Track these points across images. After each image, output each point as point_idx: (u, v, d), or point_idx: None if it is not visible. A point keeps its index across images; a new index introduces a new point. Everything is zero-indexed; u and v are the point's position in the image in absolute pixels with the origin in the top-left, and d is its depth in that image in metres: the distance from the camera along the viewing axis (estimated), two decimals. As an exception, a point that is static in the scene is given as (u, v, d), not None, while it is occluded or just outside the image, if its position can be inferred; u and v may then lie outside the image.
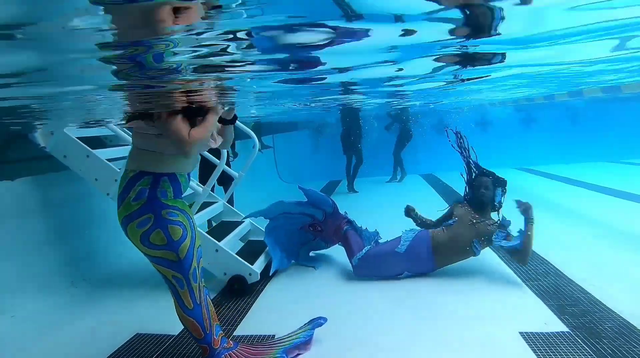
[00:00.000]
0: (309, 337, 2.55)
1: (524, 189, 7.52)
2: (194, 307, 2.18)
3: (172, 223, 2.10)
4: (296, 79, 2.73)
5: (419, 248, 3.57)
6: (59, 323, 3.03)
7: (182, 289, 2.16)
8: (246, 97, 3.32)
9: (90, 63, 1.61)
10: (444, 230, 3.64)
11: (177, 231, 2.10)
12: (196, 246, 2.20)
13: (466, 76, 3.43)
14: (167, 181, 2.13)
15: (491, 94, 6.53)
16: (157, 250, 2.09)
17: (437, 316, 2.91)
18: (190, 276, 2.16)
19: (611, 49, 2.45)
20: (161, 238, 2.07)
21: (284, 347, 2.45)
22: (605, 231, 4.76)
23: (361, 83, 3.50)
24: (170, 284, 2.18)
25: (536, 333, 2.59)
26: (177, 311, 2.21)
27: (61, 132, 3.38)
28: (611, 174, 9.14)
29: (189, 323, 2.21)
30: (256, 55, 1.78)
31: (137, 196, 2.07)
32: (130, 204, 2.07)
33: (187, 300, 2.17)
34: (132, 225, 2.08)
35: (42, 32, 1.19)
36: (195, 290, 2.18)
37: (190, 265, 2.15)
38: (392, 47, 1.91)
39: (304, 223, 4.10)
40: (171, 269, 2.13)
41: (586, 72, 3.97)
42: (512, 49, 2.22)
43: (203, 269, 2.32)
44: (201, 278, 2.24)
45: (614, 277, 3.40)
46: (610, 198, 6.64)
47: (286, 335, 2.58)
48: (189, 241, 2.14)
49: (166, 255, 2.10)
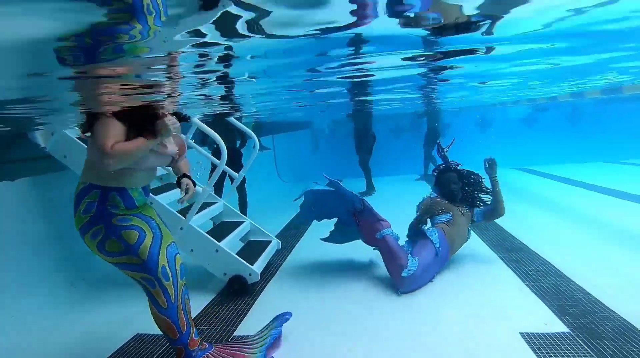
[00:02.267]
0: (278, 333, 2.53)
1: (525, 188, 7.51)
2: (169, 306, 2.14)
3: (125, 228, 2.07)
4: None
5: (445, 247, 3.63)
6: (59, 324, 3.03)
7: (153, 288, 2.12)
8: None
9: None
10: (447, 225, 3.72)
11: (132, 235, 2.07)
12: (164, 245, 2.15)
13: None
14: (116, 195, 2.09)
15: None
16: (117, 257, 2.09)
17: (437, 317, 2.90)
18: (159, 275, 2.11)
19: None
20: (117, 245, 2.06)
21: (260, 347, 2.41)
22: (606, 231, 4.76)
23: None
24: (141, 285, 2.15)
25: (536, 334, 2.59)
26: (152, 311, 2.17)
27: (61, 132, 3.38)
28: (612, 174, 9.14)
29: (163, 323, 2.16)
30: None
31: (86, 209, 2.06)
32: (81, 216, 2.07)
33: (161, 299, 2.13)
34: (87, 236, 2.09)
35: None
36: (170, 289, 2.13)
37: (156, 265, 2.10)
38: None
39: (349, 208, 3.78)
40: (137, 272, 2.11)
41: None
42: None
43: (183, 267, 2.23)
44: (180, 276, 2.18)
45: (615, 277, 3.39)
46: (610, 198, 6.64)
47: (257, 335, 2.55)
48: (149, 241, 2.10)
49: (128, 259, 2.08)
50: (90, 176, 2.09)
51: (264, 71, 2.37)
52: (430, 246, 3.53)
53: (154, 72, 1.87)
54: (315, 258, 4.30)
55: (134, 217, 2.11)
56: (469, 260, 3.89)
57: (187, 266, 3.90)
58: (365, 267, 3.96)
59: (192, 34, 1.29)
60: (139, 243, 2.08)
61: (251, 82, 2.67)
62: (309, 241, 4.98)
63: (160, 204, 3.39)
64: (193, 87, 2.40)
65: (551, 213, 5.78)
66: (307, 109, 6.90)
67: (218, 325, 2.95)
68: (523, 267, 3.75)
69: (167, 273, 2.13)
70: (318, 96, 4.24)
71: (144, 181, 2.22)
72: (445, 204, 3.86)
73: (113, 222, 2.06)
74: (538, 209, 6.05)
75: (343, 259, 4.18)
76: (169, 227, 3.43)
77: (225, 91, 2.88)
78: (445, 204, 3.86)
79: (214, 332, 2.84)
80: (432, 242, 3.55)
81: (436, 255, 3.50)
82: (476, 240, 4.63)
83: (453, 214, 3.79)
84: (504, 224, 5.12)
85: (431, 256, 3.48)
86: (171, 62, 1.69)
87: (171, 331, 2.17)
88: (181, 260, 2.24)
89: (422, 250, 3.51)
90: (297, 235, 5.27)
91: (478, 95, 6.56)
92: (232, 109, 4.17)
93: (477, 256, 4.09)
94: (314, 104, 5.53)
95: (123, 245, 2.06)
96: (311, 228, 5.54)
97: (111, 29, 1.18)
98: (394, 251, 3.44)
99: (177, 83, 2.17)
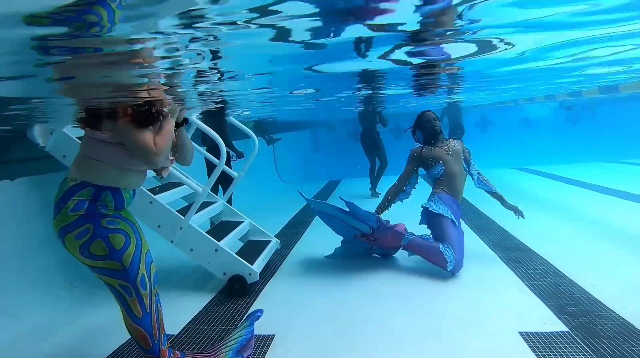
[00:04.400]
0: (250, 333, 2.49)
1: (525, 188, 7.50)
2: (143, 316, 2.09)
3: (113, 231, 2.01)
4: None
5: (454, 207, 3.79)
6: (59, 323, 3.04)
7: (130, 297, 2.07)
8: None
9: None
10: (444, 180, 3.84)
11: (119, 240, 2.01)
12: (143, 253, 2.11)
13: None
14: (110, 195, 2.03)
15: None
16: (99, 261, 2.01)
17: (436, 316, 2.91)
18: (138, 284, 2.06)
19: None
20: (102, 248, 1.99)
21: (230, 347, 2.38)
22: (606, 230, 4.76)
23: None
24: (116, 293, 2.08)
25: (535, 333, 2.59)
26: (125, 321, 2.12)
27: (60, 131, 3.38)
28: (612, 174, 9.15)
29: (136, 333, 2.11)
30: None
31: (75, 207, 1.97)
32: (68, 214, 1.97)
33: (137, 309, 2.08)
34: (70, 236, 1.98)
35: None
36: (145, 298, 2.08)
37: (137, 273, 2.05)
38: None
39: (354, 233, 3.97)
40: (116, 278, 2.04)
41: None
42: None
43: (157, 273, 2.19)
44: (154, 284, 2.14)
45: (614, 277, 3.40)
46: (610, 197, 6.65)
47: (229, 337, 2.51)
48: (132, 248, 2.05)
49: (109, 265, 2.01)
50: (83, 174, 2.01)
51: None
52: (445, 221, 3.69)
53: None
54: (315, 257, 4.31)
55: (120, 220, 2.07)
56: (468, 259, 3.89)
57: (186, 266, 3.94)
58: (365, 267, 3.96)
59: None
60: (124, 249, 2.02)
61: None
62: (308, 241, 4.99)
63: (160, 204, 3.39)
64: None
65: (551, 212, 5.78)
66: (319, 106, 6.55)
67: (218, 324, 2.95)
68: (522, 266, 3.75)
69: (145, 281, 2.09)
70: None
71: (138, 183, 2.19)
72: (432, 153, 3.88)
73: (102, 223, 2.00)
74: (538, 208, 6.06)
75: (343, 259, 4.18)
76: (169, 227, 3.48)
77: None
78: (432, 152, 3.88)
79: (214, 332, 2.85)
80: (444, 216, 3.69)
81: (454, 225, 3.71)
82: (476, 239, 4.64)
83: (444, 162, 3.82)
84: (503, 223, 5.13)
85: (453, 230, 3.68)
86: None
87: (144, 341, 2.12)
88: (155, 268, 2.19)
89: (443, 231, 3.68)
90: (296, 235, 5.27)
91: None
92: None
93: (477, 256, 4.09)
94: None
95: (109, 249, 2.00)
96: (310, 228, 5.55)
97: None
98: (425, 249, 3.69)
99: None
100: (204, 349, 2.58)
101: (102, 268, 2.03)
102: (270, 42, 1.56)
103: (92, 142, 2.03)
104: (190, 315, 3.11)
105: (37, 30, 1.19)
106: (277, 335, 2.73)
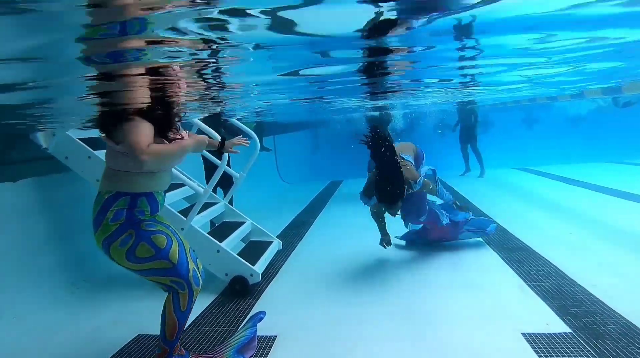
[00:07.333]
0: (252, 334, 2.52)
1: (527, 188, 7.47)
2: (186, 311, 2.17)
3: (154, 233, 2.09)
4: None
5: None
6: (61, 324, 3.04)
7: (182, 291, 2.15)
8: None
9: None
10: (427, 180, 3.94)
11: (162, 240, 2.09)
12: (187, 249, 2.19)
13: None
14: (145, 201, 2.10)
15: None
16: (147, 263, 2.07)
17: (438, 317, 2.90)
18: (191, 280, 2.15)
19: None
20: (147, 249, 2.06)
21: (232, 347, 2.43)
22: (608, 231, 4.74)
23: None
24: (168, 288, 2.15)
25: (538, 334, 2.58)
26: (167, 307, 2.17)
27: (63, 133, 3.38)
28: (612, 174, 9.12)
29: (171, 322, 2.17)
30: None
31: (115, 217, 2.03)
32: (109, 225, 2.03)
33: (184, 302, 2.15)
34: (115, 245, 2.04)
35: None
36: (195, 295, 2.17)
37: (187, 268, 2.13)
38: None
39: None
40: (168, 276, 2.11)
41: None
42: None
43: (203, 272, 2.29)
44: (201, 282, 2.22)
45: (617, 277, 3.38)
46: (612, 198, 6.62)
47: (232, 338, 2.55)
48: (176, 245, 2.13)
49: (158, 264, 2.08)
50: (115, 185, 2.06)
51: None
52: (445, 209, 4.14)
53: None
54: (317, 258, 4.30)
55: (157, 223, 2.14)
56: (470, 260, 3.89)
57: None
58: (367, 268, 3.96)
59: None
60: (168, 248, 2.09)
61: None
62: (310, 242, 4.98)
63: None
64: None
65: (553, 213, 5.76)
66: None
67: (219, 325, 2.95)
68: (525, 267, 3.74)
69: (197, 277, 2.19)
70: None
71: (167, 183, 2.24)
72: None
73: (142, 227, 2.07)
74: (540, 209, 6.04)
75: (344, 259, 4.18)
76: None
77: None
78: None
79: (216, 333, 2.84)
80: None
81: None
82: (478, 240, 4.63)
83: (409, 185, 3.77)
84: (506, 224, 5.11)
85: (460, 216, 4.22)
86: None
87: (172, 333, 2.19)
88: (201, 265, 2.28)
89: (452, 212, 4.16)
90: (298, 236, 5.27)
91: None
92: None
93: (479, 257, 4.09)
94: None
95: (154, 249, 2.06)
96: (312, 229, 5.54)
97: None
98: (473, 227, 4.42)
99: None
100: (206, 350, 2.59)
101: (151, 270, 2.09)
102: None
103: (114, 154, 2.08)
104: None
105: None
106: (279, 336, 2.73)
